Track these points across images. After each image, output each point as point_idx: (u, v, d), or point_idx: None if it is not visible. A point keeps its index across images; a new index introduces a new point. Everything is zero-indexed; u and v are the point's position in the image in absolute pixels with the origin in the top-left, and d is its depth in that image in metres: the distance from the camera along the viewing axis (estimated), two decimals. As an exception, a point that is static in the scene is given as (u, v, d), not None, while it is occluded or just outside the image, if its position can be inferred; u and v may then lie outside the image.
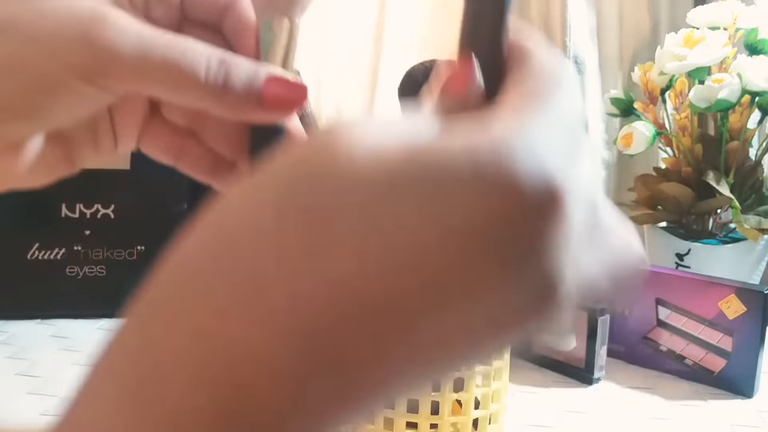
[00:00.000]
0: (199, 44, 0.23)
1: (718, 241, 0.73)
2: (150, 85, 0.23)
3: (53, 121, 0.23)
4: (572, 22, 0.83)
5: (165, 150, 0.29)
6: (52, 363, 0.62)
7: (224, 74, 0.23)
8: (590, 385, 0.61)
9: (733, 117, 0.70)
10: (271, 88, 0.23)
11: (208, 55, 0.23)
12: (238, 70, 0.23)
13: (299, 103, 0.24)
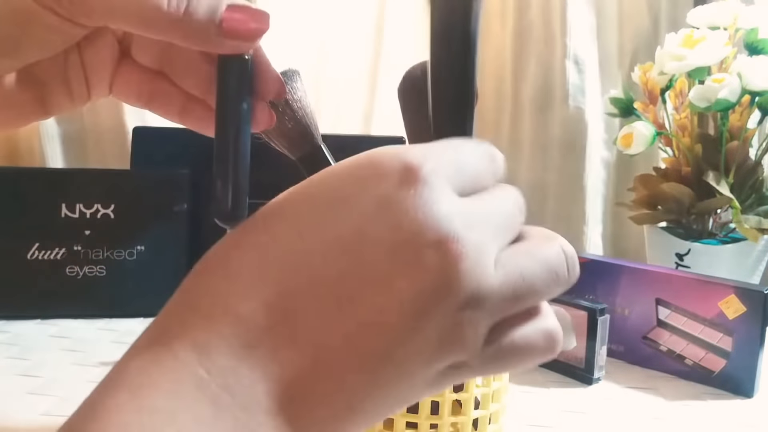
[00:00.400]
0: None
1: (718, 241, 0.73)
2: (116, 17, 0.23)
3: (25, 56, 0.24)
4: (572, 22, 0.83)
5: (137, 94, 0.30)
6: (53, 363, 0.62)
7: (186, 2, 0.23)
8: (590, 385, 0.61)
9: (733, 117, 0.70)
10: (232, 15, 0.24)
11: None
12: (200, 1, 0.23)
13: (260, 30, 0.25)
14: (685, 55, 0.68)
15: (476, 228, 0.19)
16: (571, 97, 0.85)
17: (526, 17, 0.87)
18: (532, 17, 0.86)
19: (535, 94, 0.87)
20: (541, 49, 0.86)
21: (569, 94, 0.85)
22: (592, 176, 0.87)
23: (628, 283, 0.66)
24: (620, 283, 0.66)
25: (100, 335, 0.69)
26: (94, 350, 0.65)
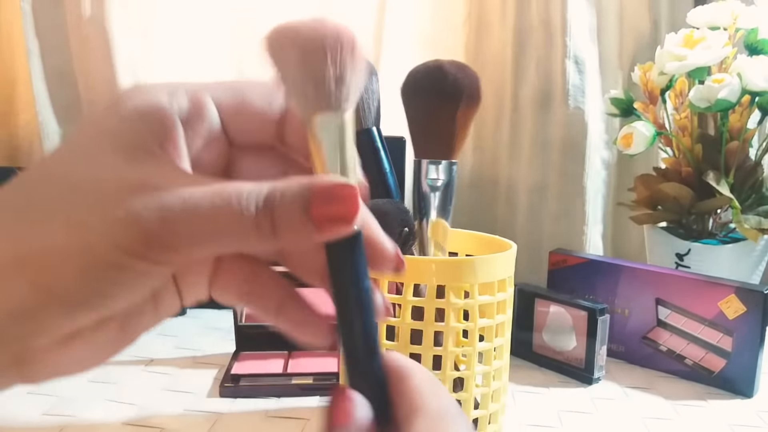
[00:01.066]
0: (241, 186, 0.21)
1: (718, 241, 0.73)
2: (202, 248, 0.21)
3: (110, 306, 0.21)
4: (572, 22, 0.83)
5: (237, 295, 0.26)
6: (52, 363, 0.62)
7: (271, 209, 0.20)
8: (590, 385, 0.61)
9: (733, 117, 0.70)
10: (320, 207, 0.21)
11: (255, 193, 0.20)
12: (284, 200, 0.21)
13: (354, 211, 0.21)
14: (685, 55, 0.68)
15: None
16: (571, 97, 0.85)
17: (526, 17, 0.87)
18: (532, 17, 0.86)
19: (535, 94, 0.87)
20: (541, 49, 0.86)
21: (569, 95, 0.85)
22: (592, 176, 0.87)
23: (628, 283, 0.66)
24: (620, 283, 0.66)
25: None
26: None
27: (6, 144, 0.92)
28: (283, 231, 0.21)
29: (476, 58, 0.90)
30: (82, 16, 0.84)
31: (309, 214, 0.20)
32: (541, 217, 0.88)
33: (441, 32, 0.92)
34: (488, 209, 0.93)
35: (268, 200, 0.20)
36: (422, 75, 0.44)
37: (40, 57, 0.85)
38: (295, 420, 0.53)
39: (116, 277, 0.20)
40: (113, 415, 0.53)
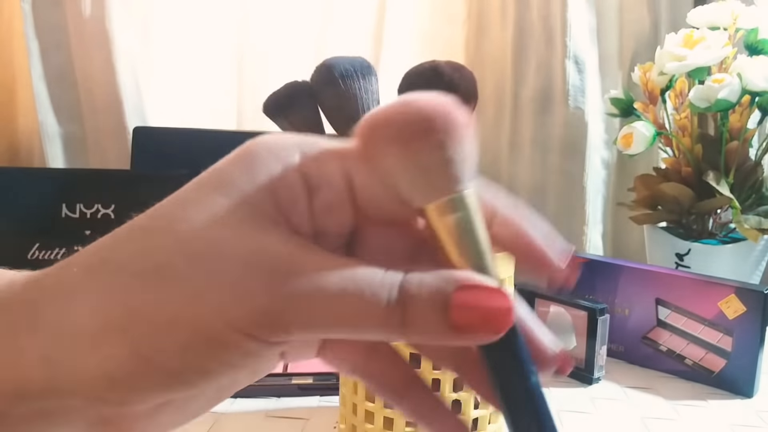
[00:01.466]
0: (374, 272, 0.18)
1: (718, 241, 0.73)
2: (319, 333, 0.19)
3: (211, 382, 0.19)
4: (572, 22, 0.83)
5: (351, 366, 0.23)
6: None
7: (404, 305, 0.18)
8: (590, 385, 0.61)
9: (733, 117, 0.70)
10: (462, 307, 0.18)
11: (389, 282, 0.18)
12: (420, 296, 0.18)
13: (503, 317, 0.18)
14: (685, 55, 0.68)
15: None
16: (571, 97, 0.85)
17: (526, 17, 0.87)
18: (532, 17, 0.86)
19: (535, 94, 0.87)
20: (541, 49, 0.86)
21: (569, 95, 0.85)
22: (592, 176, 0.87)
23: (628, 283, 0.66)
24: (620, 283, 0.66)
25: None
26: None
27: (6, 144, 0.92)
28: (415, 330, 0.18)
29: (476, 58, 0.90)
30: (82, 15, 0.84)
31: (447, 316, 0.18)
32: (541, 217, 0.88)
33: (441, 32, 0.92)
34: (488, 209, 0.93)
35: (403, 293, 0.18)
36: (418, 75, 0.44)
37: (40, 57, 0.85)
38: (295, 420, 0.53)
39: (222, 355, 0.18)
40: None
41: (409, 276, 0.18)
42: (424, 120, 0.19)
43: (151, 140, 0.81)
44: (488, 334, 0.18)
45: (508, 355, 0.20)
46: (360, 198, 0.20)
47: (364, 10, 0.91)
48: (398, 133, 0.19)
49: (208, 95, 0.91)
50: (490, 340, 0.18)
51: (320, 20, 0.91)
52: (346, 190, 0.20)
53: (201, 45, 0.90)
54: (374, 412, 0.44)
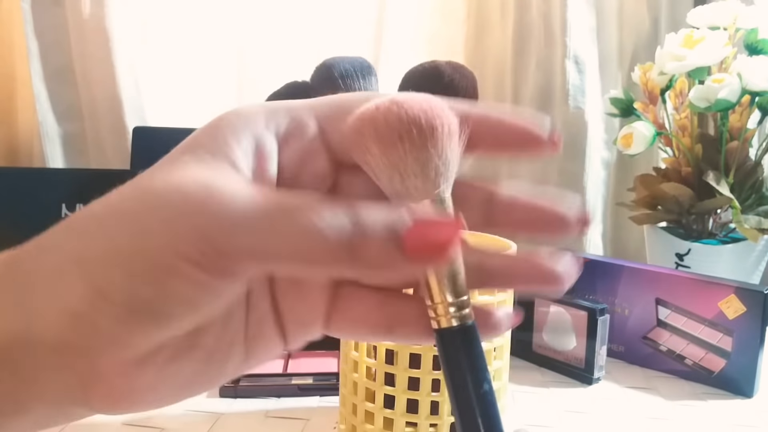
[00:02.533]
0: (324, 202, 0.19)
1: (718, 241, 0.73)
2: (269, 262, 0.19)
3: (171, 322, 0.19)
4: (572, 21, 0.83)
5: (372, 325, 0.23)
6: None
7: (358, 231, 0.18)
8: (590, 385, 0.61)
9: (733, 117, 0.70)
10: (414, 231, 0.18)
11: (339, 214, 0.18)
12: (369, 218, 0.18)
13: (450, 242, 0.19)
14: (685, 55, 0.68)
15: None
16: (571, 97, 0.85)
17: (526, 17, 0.87)
18: (532, 17, 0.86)
19: (535, 94, 0.87)
20: (541, 49, 0.86)
21: (569, 94, 0.85)
22: (592, 176, 0.87)
23: (628, 283, 0.66)
24: (620, 283, 0.66)
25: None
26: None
27: (6, 144, 0.92)
28: (367, 260, 0.18)
29: (476, 58, 0.90)
30: (82, 15, 0.84)
31: (400, 243, 0.18)
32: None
33: (441, 32, 0.92)
34: (488, 209, 0.93)
35: (354, 223, 0.18)
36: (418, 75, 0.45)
37: (40, 57, 0.85)
38: (295, 420, 0.53)
39: (174, 284, 0.18)
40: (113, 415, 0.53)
41: (359, 204, 0.19)
42: (405, 125, 0.20)
43: (151, 140, 0.80)
44: (441, 255, 0.19)
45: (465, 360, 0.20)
46: (332, 142, 0.22)
47: (364, 10, 0.91)
48: (380, 135, 0.20)
49: (208, 95, 0.91)
50: (440, 262, 0.19)
51: (320, 20, 0.91)
52: (318, 136, 0.22)
53: (201, 45, 0.90)
54: (374, 413, 0.44)
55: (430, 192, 0.20)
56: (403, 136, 0.20)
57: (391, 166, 0.20)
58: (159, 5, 0.88)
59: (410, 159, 0.20)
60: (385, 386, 0.44)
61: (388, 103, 0.20)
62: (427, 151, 0.20)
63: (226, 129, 0.21)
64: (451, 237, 0.18)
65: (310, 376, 0.58)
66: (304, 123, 0.22)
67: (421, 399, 0.43)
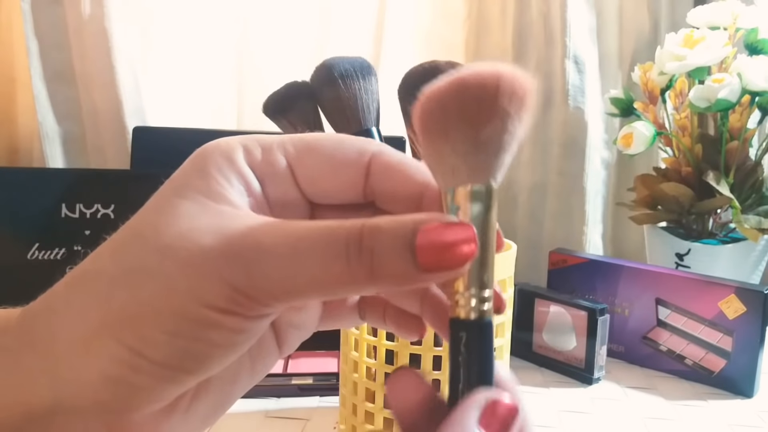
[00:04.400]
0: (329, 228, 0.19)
1: (718, 241, 0.73)
2: (293, 298, 0.19)
3: (206, 369, 0.19)
4: (572, 22, 0.83)
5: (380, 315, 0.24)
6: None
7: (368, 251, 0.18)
8: (590, 385, 0.61)
9: (733, 117, 0.70)
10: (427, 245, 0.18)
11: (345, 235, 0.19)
12: (382, 239, 0.18)
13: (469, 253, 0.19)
14: (685, 55, 0.68)
15: None
16: (571, 97, 0.85)
17: (526, 17, 0.87)
18: (532, 17, 0.86)
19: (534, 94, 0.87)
20: (541, 48, 0.86)
21: (569, 95, 0.85)
22: (592, 176, 0.87)
23: (628, 283, 0.66)
24: (620, 283, 0.66)
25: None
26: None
27: (6, 144, 0.92)
28: (384, 277, 0.18)
29: (476, 58, 0.90)
30: (82, 16, 0.84)
31: (415, 258, 0.18)
32: (541, 217, 0.88)
33: (441, 32, 0.92)
34: (488, 209, 0.93)
35: (364, 243, 0.18)
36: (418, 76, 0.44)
37: (40, 57, 0.85)
38: (295, 420, 0.53)
39: (208, 335, 0.19)
40: None
41: (367, 224, 0.19)
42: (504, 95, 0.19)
43: (151, 140, 0.80)
44: (456, 267, 0.19)
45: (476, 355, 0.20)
46: (301, 183, 0.22)
47: (364, 10, 0.91)
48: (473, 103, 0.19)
49: (208, 95, 0.91)
50: (459, 273, 0.19)
51: (320, 20, 0.91)
52: (289, 176, 0.22)
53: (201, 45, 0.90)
54: (374, 413, 0.44)
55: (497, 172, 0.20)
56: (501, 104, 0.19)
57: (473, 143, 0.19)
58: (159, 5, 0.88)
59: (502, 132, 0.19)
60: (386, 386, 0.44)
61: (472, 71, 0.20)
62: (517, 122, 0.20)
63: (213, 168, 0.21)
64: (465, 243, 0.18)
65: (310, 376, 0.58)
66: (276, 160, 0.22)
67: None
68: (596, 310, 0.60)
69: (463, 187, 0.20)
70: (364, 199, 0.23)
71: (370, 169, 0.22)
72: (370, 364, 0.45)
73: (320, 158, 0.22)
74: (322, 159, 0.22)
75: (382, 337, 0.44)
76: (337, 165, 0.22)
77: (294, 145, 0.22)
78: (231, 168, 0.21)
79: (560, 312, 0.63)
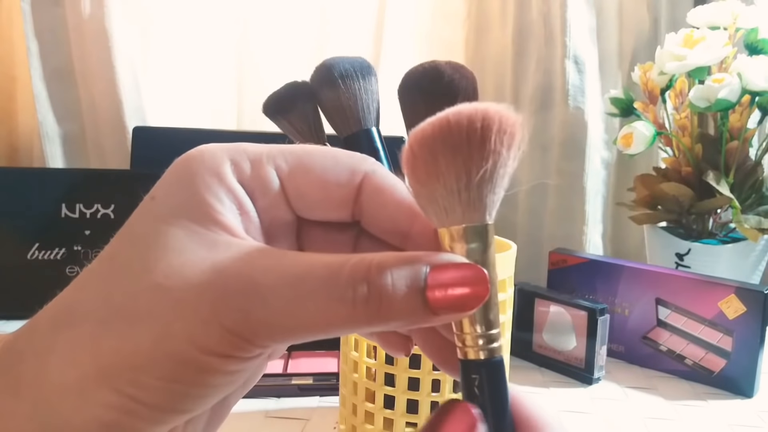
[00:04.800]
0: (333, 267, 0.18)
1: (718, 241, 0.73)
2: (294, 338, 0.19)
3: (202, 405, 0.19)
4: (572, 22, 0.83)
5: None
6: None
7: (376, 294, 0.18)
8: (590, 385, 0.61)
9: (733, 117, 0.70)
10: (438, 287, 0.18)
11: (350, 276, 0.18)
12: (391, 282, 0.18)
13: (480, 296, 0.18)
14: (685, 55, 0.68)
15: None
16: (571, 97, 0.85)
17: (526, 17, 0.87)
18: (532, 17, 0.86)
19: (535, 94, 0.87)
20: (541, 49, 0.86)
21: (569, 94, 0.85)
22: (592, 176, 0.87)
23: (628, 283, 0.66)
24: (620, 283, 0.66)
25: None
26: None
27: (6, 144, 0.92)
28: (393, 319, 0.18)
29: (476, 58, 0.90)
30: (81, 15, 0.84)
31: (425, 300, 0.18)
32: (541, 217, 0.88)
33: (441, 32, 0.92)
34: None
35: (372, 285, 0.18)
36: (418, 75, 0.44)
37: (40, 57, 0.85)
38: (295, 420, 0.53)
39: (205, 379, 0.18)
40: None
41: (374, 264, 0.18)
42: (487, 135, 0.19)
43: (151, 140, 0.81)
44: (468, 309, 0.18)
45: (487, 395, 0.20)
46: (291, 199, 0.21)
47: (364, 10, 0.91)
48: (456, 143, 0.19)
49: (208, 95, 0.91)
50: (468, 314, 0.19)
51: (320, 20, 0.91)
52: (279, 192, 0.21)
53: (201, 45, 0.90)
54: (374, 413, 0.44)
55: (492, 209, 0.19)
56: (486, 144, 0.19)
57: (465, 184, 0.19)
58: (159, 5, 0.88)
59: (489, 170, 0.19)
60: (385, 386, 0.44)
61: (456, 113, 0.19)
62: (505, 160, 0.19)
63: (202, 187, 0.20)
64: (477, 285, 0.18)
65: (310, 376, 0.58)
66: (267, 175, 0.21)
67: (421, 399, 0.43)
68: (596, 310, 0.60)
69: (459, 226, 0.19)
70: (351, 218, 0.22)
71: (361, 189, 0.22)
72: (370, 364, 0.45)
73: (312, 177, 0.21)
74: (314, 177, 0.21)
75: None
76: (328, 185, 0.21)
77: (285, 159, 0.21)
78: (221, 185, 0.20)
79: (560, 312, 0.63)
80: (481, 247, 0.19)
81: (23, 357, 0.19)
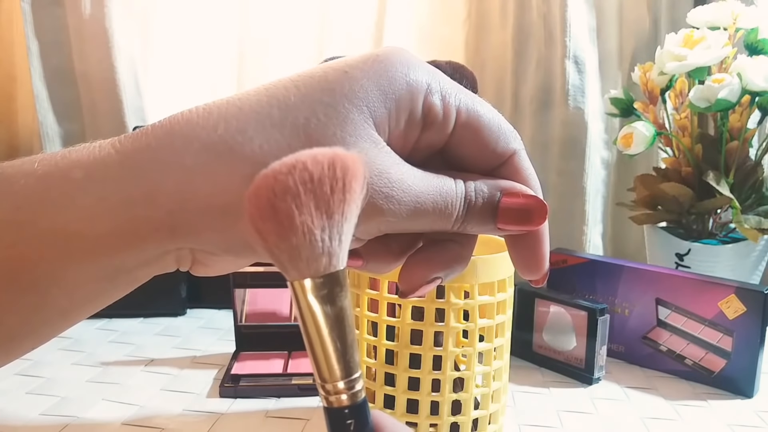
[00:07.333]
0: (451, 186, 0.23)
1: (718, 241, 0.73)
2: (405, 227, 0.23)
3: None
4: (572, 21, 0.83)
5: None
6: (52, 363, 0.62)
7: (467, 207, 0.23)
8: (590, 385, 0.61)
9: (733, 117, 0.70)
10: (506, 210, 0.23)
11: (460, 195, 0.23)
12: (477, 201, 0.23)
13: (537, 217, 0.24)
14: (685, 55, 0.68)
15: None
16: (571, 97, 0.85)
17: (526, 17, 0.87)
18: (532, 17, 0.86)
19: (535, 94, 0.87)
20: (541, 49, 0.86)
21: (569, 94, 0.85)
22: (592, 176, 0.87)
23: (628, 283, 0.66)
24: (620, 283, 0.66)
25: (100, 335, 0.69)
26: (93, 350, 0.65)
27: (6, 144, 0.92)
28: (472, 226, 0.24)
29: (476, 58, 0.90)
30: (82, 15, 0.84)
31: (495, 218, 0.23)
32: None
33: (441, 32, 0.92)
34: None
35: (467, 202, 0.23)
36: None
37: (40, 57, 0.85)
38: (295, 420, 0.53)
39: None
40: (113, 415, 0.53)
41: (469, 186, 0.23)
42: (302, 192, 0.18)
43: (151, 140, 0.80)
44: (527, 228, 0.24)
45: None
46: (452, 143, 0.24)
47: (364, 10, 0.91)
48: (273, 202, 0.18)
49: (208, 94, 0.91)
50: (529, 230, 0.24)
51: (320, 20, 0.91)
52: (445, 135, 0.23)
53: (201, 45, 0.90)
54: (374, 412, 0.44)
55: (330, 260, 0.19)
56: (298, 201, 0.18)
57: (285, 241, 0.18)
58: (159, 6, 0.88)
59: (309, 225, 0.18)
60: (385, 386, 0.44)
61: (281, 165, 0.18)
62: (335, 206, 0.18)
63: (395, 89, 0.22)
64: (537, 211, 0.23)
65: (310, 376, 0.58)
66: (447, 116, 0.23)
67: (421, 399, 0.43)
68: (596, 310, 0.60)
69: (311, 279, 0.19)
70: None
71: (506, 165, 0.25)
72: (370, 364, 0.45)
73: (479, 136, 0.24)
74: (479, 141, 0.24)
75: (382, 337, 0.44)
76: (487, 150, 0.24)
77: (467, 111, 0.23)
78: (408, 101, 0.22)
79: (560, 312, 0.63)
80: (336, 295, 0.19)
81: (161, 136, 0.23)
